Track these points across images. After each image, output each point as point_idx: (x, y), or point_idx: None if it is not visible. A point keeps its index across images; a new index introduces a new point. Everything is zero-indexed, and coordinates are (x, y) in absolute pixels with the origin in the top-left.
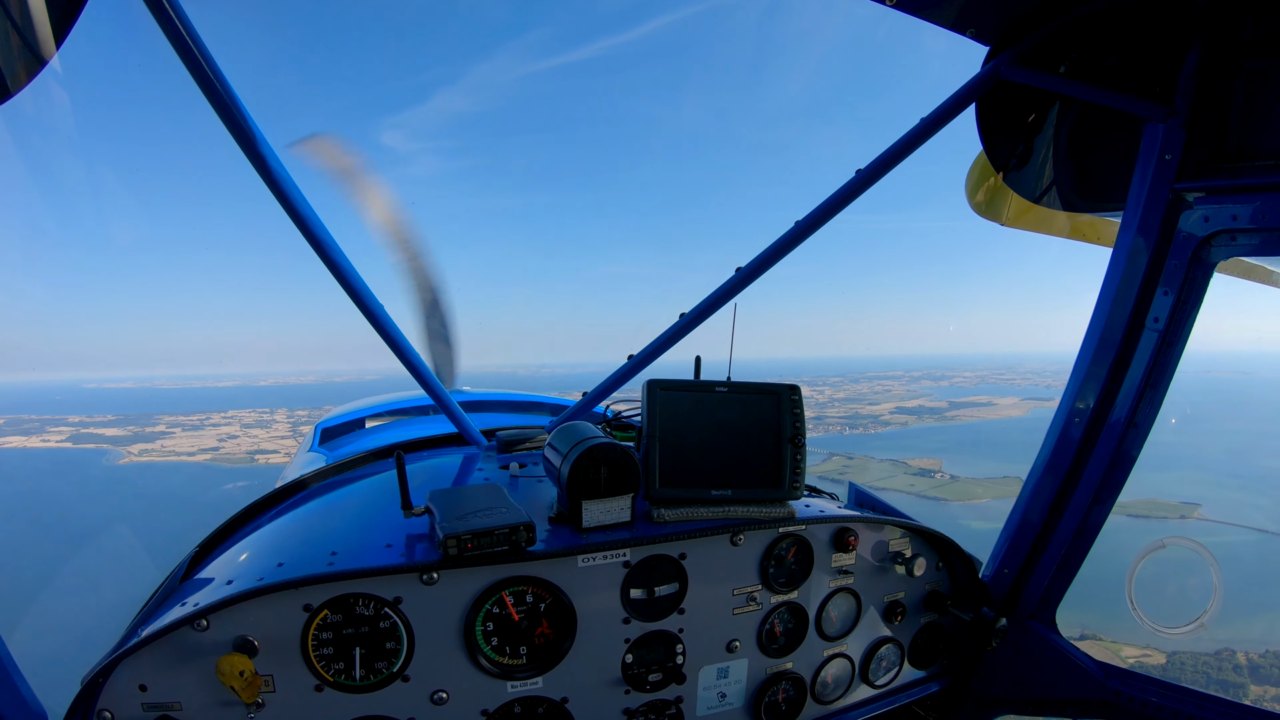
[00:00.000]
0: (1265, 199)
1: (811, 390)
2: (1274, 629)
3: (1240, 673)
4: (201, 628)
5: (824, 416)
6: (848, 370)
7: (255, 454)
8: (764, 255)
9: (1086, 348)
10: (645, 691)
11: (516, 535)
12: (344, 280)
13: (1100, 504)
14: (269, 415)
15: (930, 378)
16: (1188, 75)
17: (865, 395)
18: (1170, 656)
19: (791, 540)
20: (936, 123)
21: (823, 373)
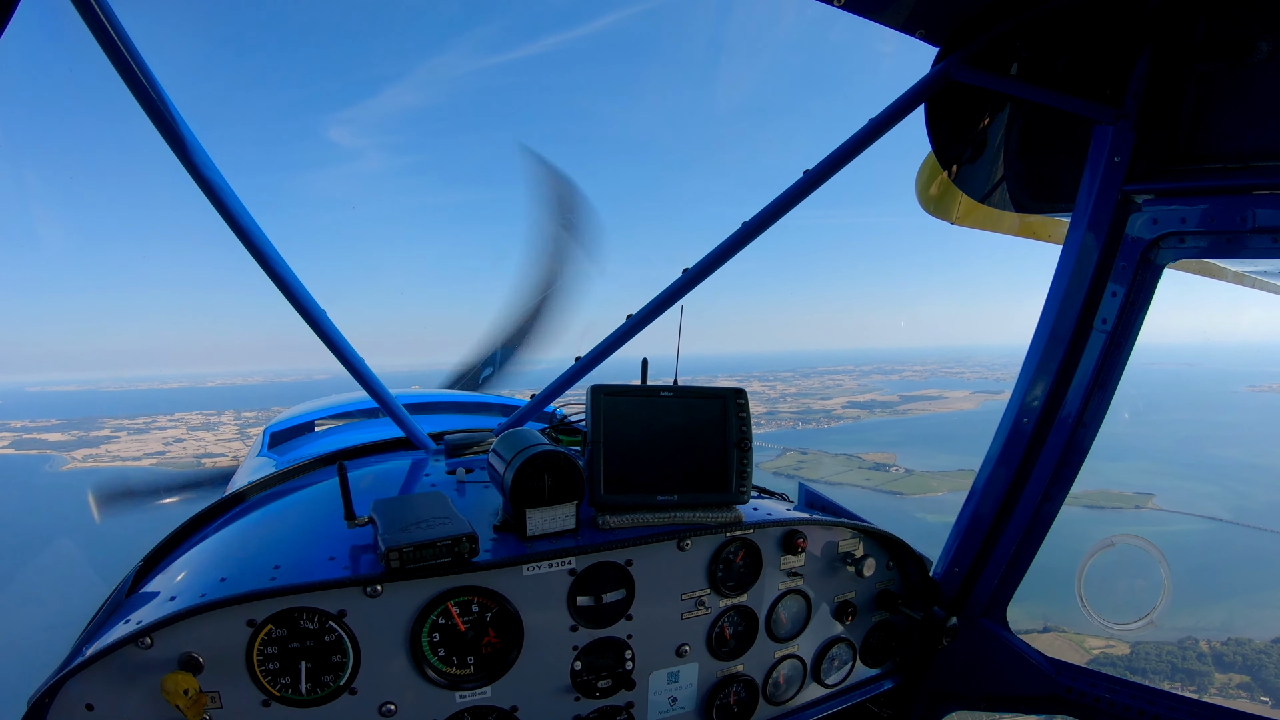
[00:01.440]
0: (1214, 202)
1: (763, 385)
2: (1234, 616)
3: (1204, 661)
4: (145, 645)
5: (777, 412)
6: (799, 365)
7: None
8: (711, 256)
9: (1035, 347)
10: (595, 698)
11: (459, 546)
12: (281, 283)
13: (1049, 502)
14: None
15: (881, 372)
16: (1138, 78)
17: (817, 390)
18: (1134, 646)
19: (739, 544)
20: (885, 123)
21: (774, 367)
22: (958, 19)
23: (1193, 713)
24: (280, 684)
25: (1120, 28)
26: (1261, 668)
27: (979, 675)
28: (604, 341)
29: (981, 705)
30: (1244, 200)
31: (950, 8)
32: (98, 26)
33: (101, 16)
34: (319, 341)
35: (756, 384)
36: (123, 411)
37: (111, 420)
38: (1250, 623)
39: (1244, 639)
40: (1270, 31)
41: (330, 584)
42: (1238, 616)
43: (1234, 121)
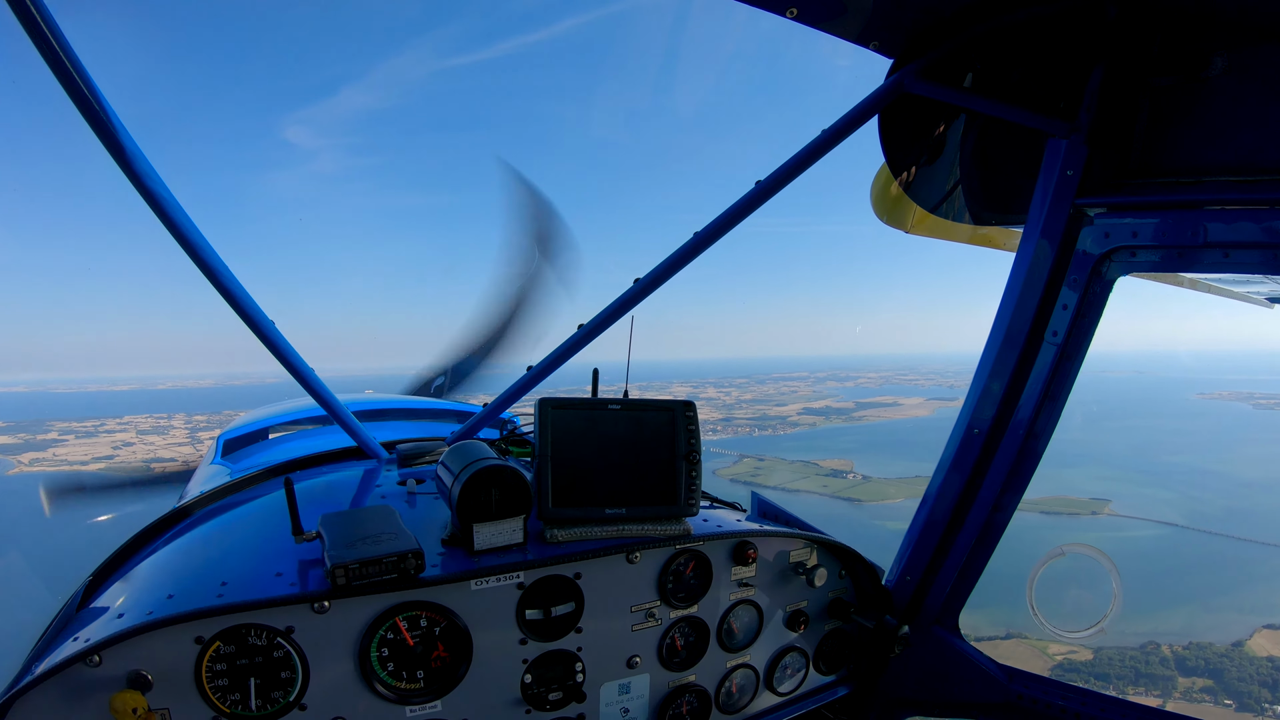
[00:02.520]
0: (1165, 216)
1: (718, 391)
2: (1194, 620)
3: (1167, 665)
4: (94, 663)
5: (732, 418)
6: (754, 371)
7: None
8: (662, 266)
9: (987, 358)
10: (546, 711)
11: (405, 563)
12: (227, 294)
13: (1001, 511)
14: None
15: (835, 379)
16: (1092, 92)
17: (772, 396)
18: (1097, 652)
19: (689, 555)
20: (838, 135)
21: (729, 374)
22: (912, 32)
23: (1142, 718)
24: (230, 701)
25: (1075, 42)
26: (1224, 671)
27: (932, 682)
28: (556, 351)
29: (935, 712)
30: (1196, 215)
31: (904, 20)
32: (30, 24)
33: (35, 15)
34: (276, 360)
35: (712, 390)
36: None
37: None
38: (1210, 627)
39: (1205, 643)
40: (1225, 47)
41: (277, 601)
42: (1197, 621)
43: (1187, 137)
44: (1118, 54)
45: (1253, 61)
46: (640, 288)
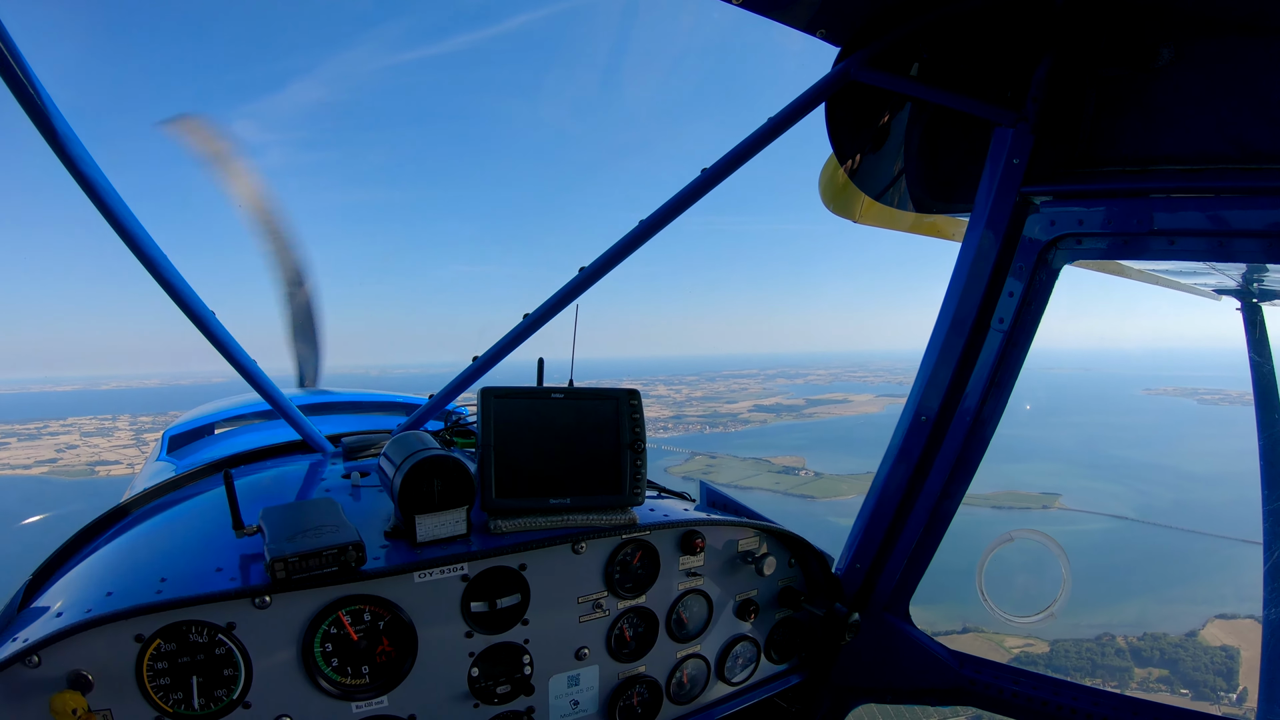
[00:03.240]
0: (1111, 204)
1: (669, 389)
2: (1148, 612)
3: (1123, 656)
4: (33, 664)
5: (683, 416)
6: (704, 368)
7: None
8: (608, 254)
9: (933, 346)
10: (494, 704)
11: (345, 555)
12: (167, 285)
13: (948, 499)
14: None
15: (785, 376)
16: (1039, 82)
17: (723, 394)
18: (1053, 644)
19: (635, 545)
20: (784, 122)
21: (679, 371)
22: (859, 20)
23: (1095, 702)
24: (172, 700)
25: (1022, 32)
26: (1179, 661)
27: (884, 669)
28: (501, 341)
29: (888, 698)
30: (1142, 203)
31: (852, 9)
32: None
33: None
34: (219, 354)
35: (662, 388)
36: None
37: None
38: (1163, 618)
39: (1159, 633)
40: (1172, 39)
41: (217, 596)
42: (1150, 612)
43: (1134, 126)
44: (1065, 44)
45: (1199, 52)
46: (585, 276)
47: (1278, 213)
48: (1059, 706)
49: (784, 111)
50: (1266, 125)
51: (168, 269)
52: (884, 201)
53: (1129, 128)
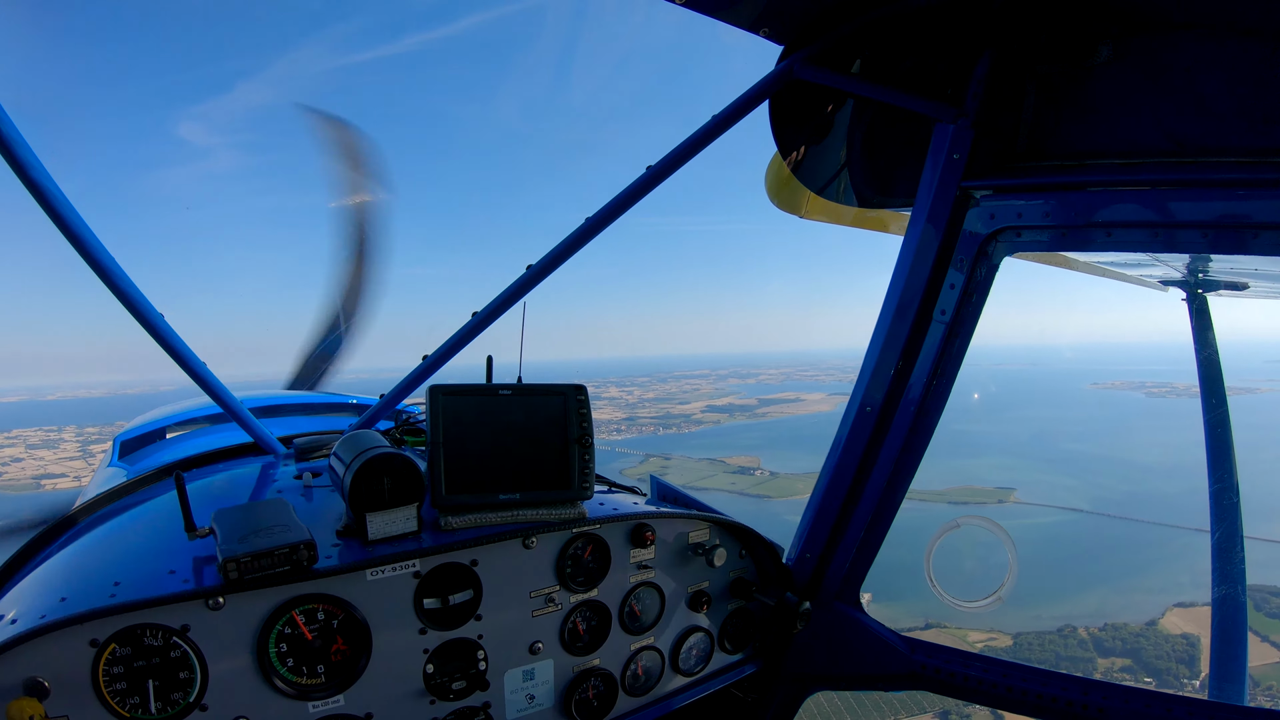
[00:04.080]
0: (1049, 197)
1: (620, 391)
2: (1107, 602)
3: (1085, 647)
4: None
5: (636, 417)
6: (655, 369)
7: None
8: (556, 251)
9: (877, 338)
10: (450, 700)
11: (297, 554)
12: (114, 286)
13: (895, 488)
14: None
15: (737, 375)
16: (978, 79)
17: (675, 395)
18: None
19: (586, 539)
20: (728, 120)
21: (630, 372)
22: (802, 19)
23: (1044, 682)
24: (129, 704)
25: (962, 30)
26: (1140, 650)
27: (837, 656)
28: (450, 339)
29: (842, 685)
30: (1080, 196)
31: (794, 8)
32: None
33: None
34: (169, 356)
35: (614, 389)
36: None
37: None
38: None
39: (1119, 623)
40: (1111, 35)
41: (170, 598)
42: (1110, 602)
43: (1073, 121)
44: (1005, 42)
45: (1137, 49)
46: (533, 274)
47: (1213, 205)
48: (1009, 688)
49: (727, 109)
50: (1201, 120)
51: (115, 271)
52: (828, 197)
53: (1068, 123)
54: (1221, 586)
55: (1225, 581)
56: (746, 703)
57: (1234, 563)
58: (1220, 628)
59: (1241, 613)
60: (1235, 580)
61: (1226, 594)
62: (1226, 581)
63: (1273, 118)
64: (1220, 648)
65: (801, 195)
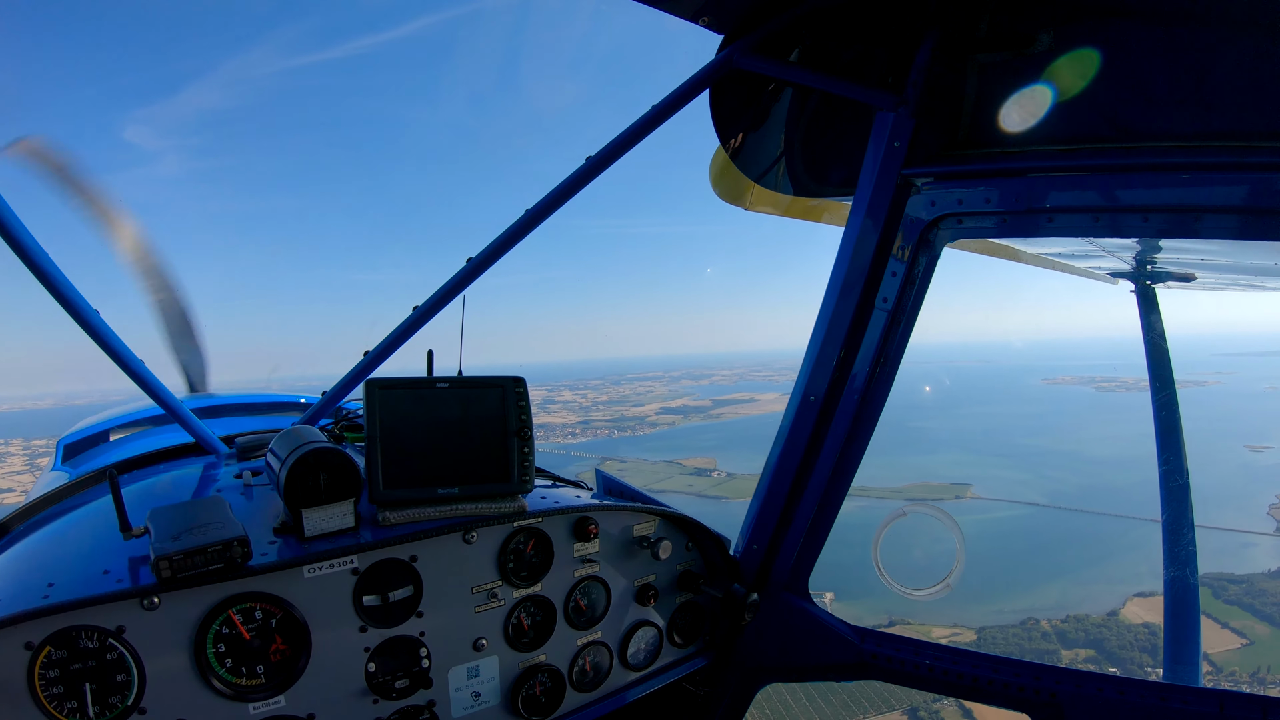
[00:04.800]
0: (989, 184)
1: (574, 394)
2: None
3: (1049, 639)
4: None
5: (590, 420)
6: (608, 372)
7: None
8: (495, 244)
9: (819, 328)
10: (393, 699)
11: (230, 551)
12: (53, 287)
13: (840, 478)
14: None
15: (690, 377)
16: (919, 67)
17: (629, 397)
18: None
19: (528, 533)
20: (668, 110)
21: (583, 375)
22: (742, 7)
23: (995, 668)
24: (67, 709)
25: (903, 19)
26: (1104, 641)
27: (787, 647)
28: (391, 334)
29: (793, 676)
30: (1020, 182)
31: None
32: None
33: None
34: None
35: (567, 393)
36: None
37: None
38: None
39: (1081, 614)
40: (1051, 24)
41: (104, 598)
42: (1071, 594)
43: (1013, 109)
44: (945, 30)
45: (1076, 36)
46: (473, 266)
47: (1154, 190)
48: (960, 675)
49: (667, 99)
50: (1141, 105)
51: (47, 266)
52: (768, 186)
53: (1008, 110)
54: (1172, 570)
55: (1176, 565)
56: (698, 696)
57: (1184, 546)
58: (1173, 611)
59: (1193, 596)
60: (1185, 563)
61: (1178, 577)
62: (1176, 565)
63: (1212, 103)
64: (1173, 630)
65: (745, 186)
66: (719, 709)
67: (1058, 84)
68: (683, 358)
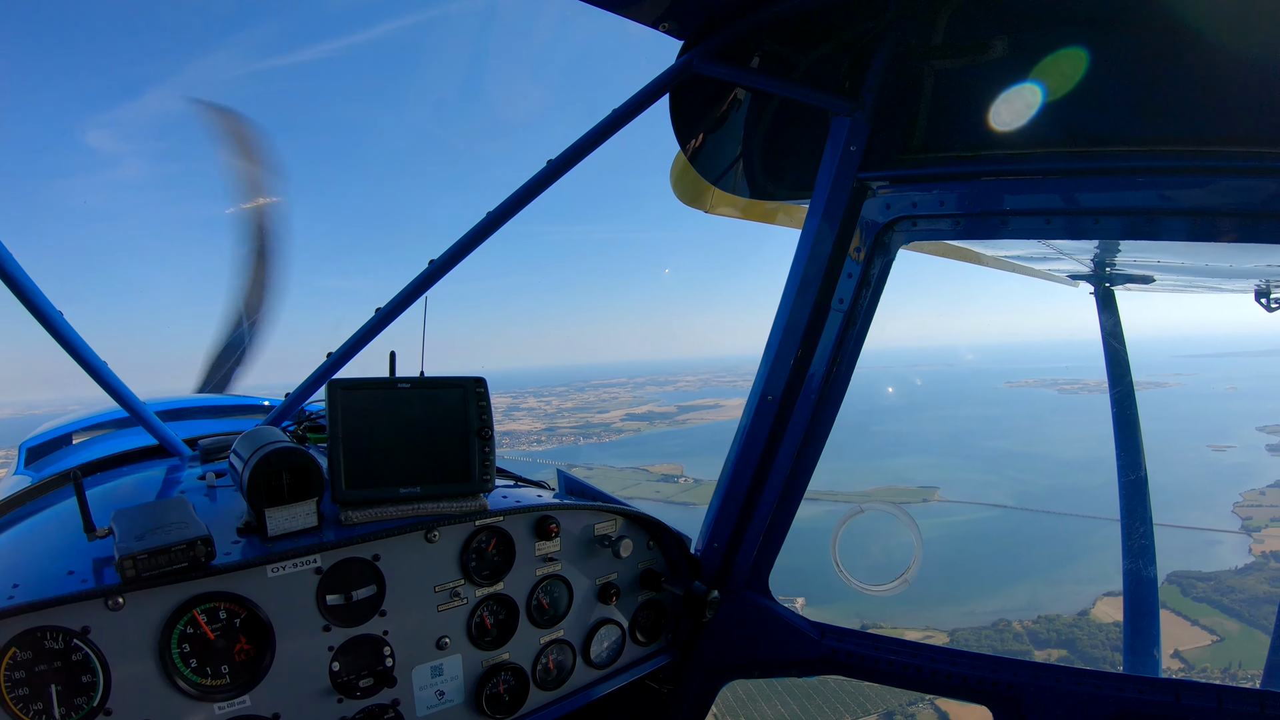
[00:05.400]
0: (944, 187)
1: (539, 401)
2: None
3: (1021, 640)
4: None
5: (556, 428)
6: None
7: None
8: (457, 246)
9: (777, 328)
10: (357, 698)
11: (194, 550)
12: (16, 289)
13: (798, 476)
14: None
15: (655, 383)
16: (875, 73)
17: (593, 404)
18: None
19: (490, 532)
20: (628, 114)
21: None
22: (702, 14)
23: (954, 661)
24: (33, 710)
25: (860, 27)
26: (1075, 640)
27: (749, 644)
28: (354, 336)
29: (756, 672)
30: (974, 185)
31: (694, 3)
32: None
33: None
34: (71, 361)
35: (532, 400)
36: None
37: None
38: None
39: (1052, 615)
40: (1006, 31)
41: (68, 598)
42: (1041, 594)
43: (968, 114)
44: (901, 37)
45: (1030, 43)
46: (435, 268)
47: (1105, 193)
48: (919, 669)
49: (627, 104)
50: (1093, 110)
51: (8, 263)
52: (726, 189)
53: (963, 115)
54: (1130, 562)
55: (1133, 558)
56: (662, 694)
57: (1141, 539)
58: (1132, 604)
59: (1151, 588)
60: (1141, 556)
61: (1135, 570)
62: (1133, 558)
63: (1162, 108)
64: (1133, 622)
65: (704, 189)
66: (683, 706)
67: (1012, 90)
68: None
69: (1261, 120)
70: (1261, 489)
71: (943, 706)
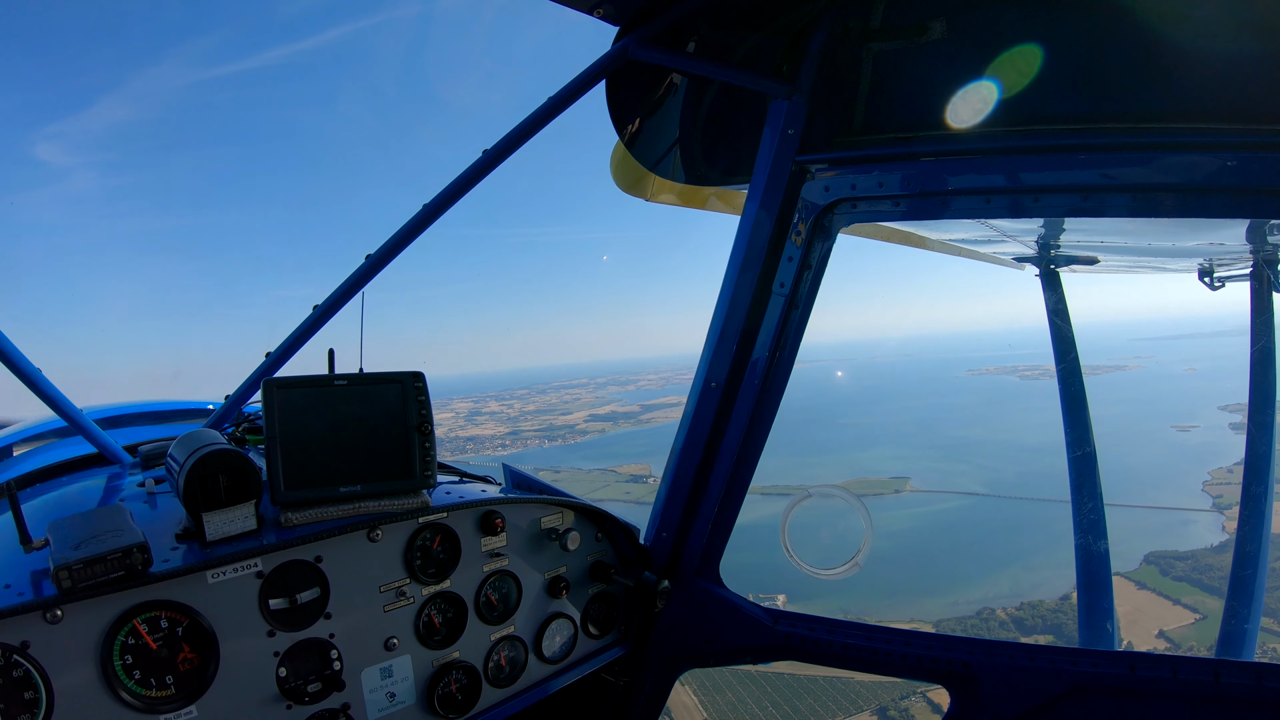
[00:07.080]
0: (884, 169)
1: (501, 405)
2: (1020, 581)
3: (1007, 628)
4: None
5: (520, 431)
6: (533, 381)
7: None
8: (394, 240)
9: (718, 314)
10: (307, 704)
11: (130, 558)
12: None
13: (744, 462)
14: None
15: (616, 383)
16: (812, 56)
17: (556, 405)
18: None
19: (434, 530)
20: (564, 101)
21: (509, 386)
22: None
23: (908, 642)
24: None
25: (798, 10)
26: (1061, 625)
27: (703, 632)
28: (293, 334)
29: (711, 661)
30: (913, 166)
31: None
32: None
33: None
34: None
35: (494, 404)
36: None
37: None
38: (1035, 585)
39: (1036, 601)
40: (943, 13)
41: (4, 613)
42: (1022, 581)
43: (907, 96)
44: (839, 20)
45: (968, 24)
46: (372, 263)
47: (1044, 172)
48: (874, 651)
49: (563, 91)
50: (1032, 89)
51: None
52: (665, 175)
53: (902, 97)
54: (1080, 537)
55: (1083, 532)
56: (618, 686)
57: (1090, 514)
58: (1084, 577)
59: (1103, 562)
60: (1090, 530)
61: (1085, 544)
62: (1083, 532)
63: (1100, 86)
64: (1086, 596)
65: (644, 177)
66: (640, 697)
67: (950, 71)
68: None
69: (1201, 97)
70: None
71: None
